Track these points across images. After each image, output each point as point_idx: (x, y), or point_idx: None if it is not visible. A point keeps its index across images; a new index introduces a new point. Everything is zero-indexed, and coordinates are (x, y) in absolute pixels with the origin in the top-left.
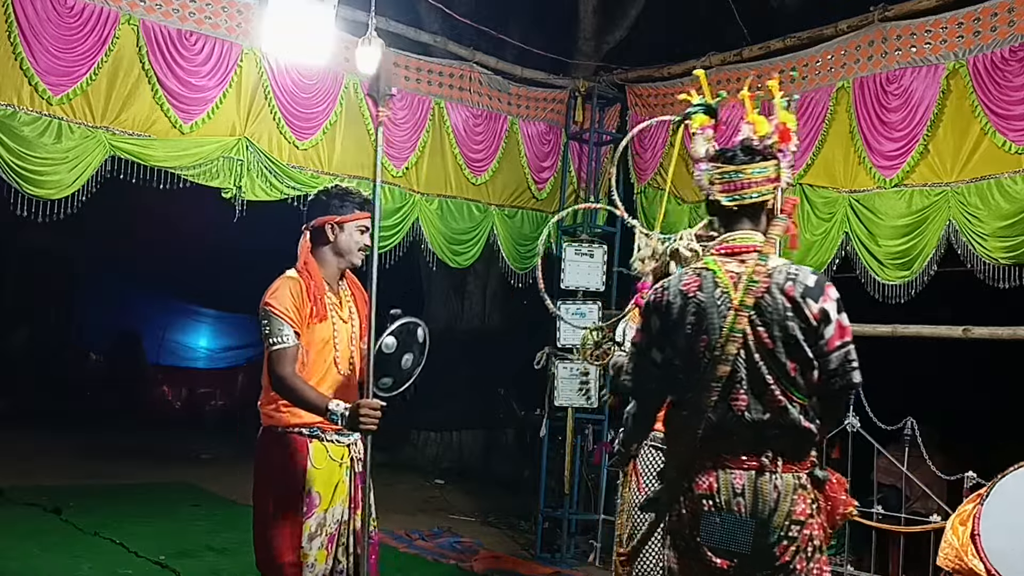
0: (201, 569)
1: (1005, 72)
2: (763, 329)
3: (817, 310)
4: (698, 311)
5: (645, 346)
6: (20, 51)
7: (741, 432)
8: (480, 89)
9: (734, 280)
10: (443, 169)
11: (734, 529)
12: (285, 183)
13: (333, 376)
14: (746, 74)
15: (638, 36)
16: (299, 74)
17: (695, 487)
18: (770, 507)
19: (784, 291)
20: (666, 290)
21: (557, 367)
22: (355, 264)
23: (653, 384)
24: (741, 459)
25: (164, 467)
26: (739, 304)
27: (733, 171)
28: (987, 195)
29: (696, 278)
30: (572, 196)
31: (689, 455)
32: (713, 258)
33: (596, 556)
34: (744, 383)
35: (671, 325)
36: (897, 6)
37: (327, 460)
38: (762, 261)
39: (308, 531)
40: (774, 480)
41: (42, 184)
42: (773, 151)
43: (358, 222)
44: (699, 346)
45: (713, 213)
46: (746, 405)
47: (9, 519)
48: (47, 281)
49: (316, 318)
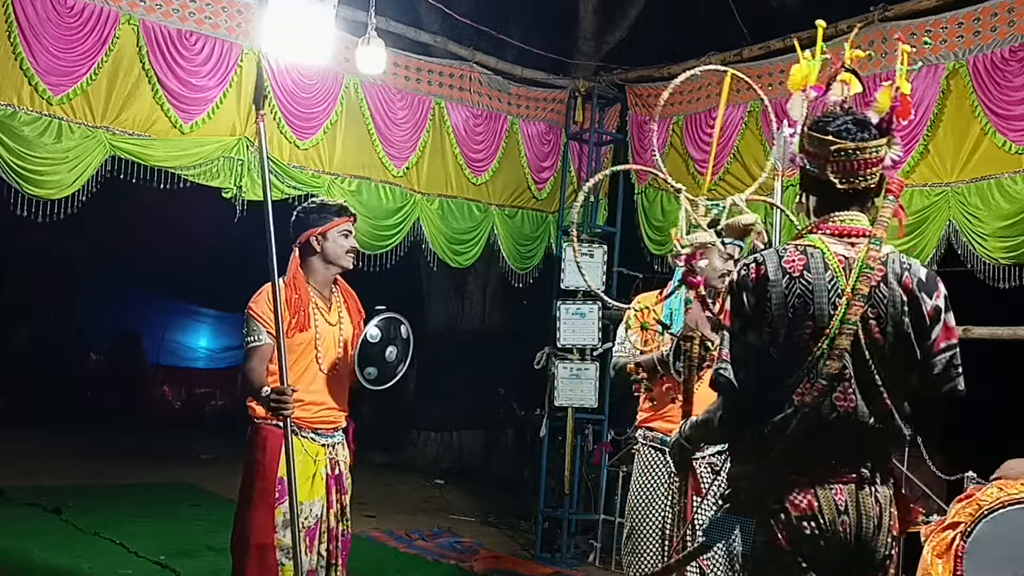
0: (201, 569)
1: (1005, 72)
2: (875, 323)
3: (931, 307)
4: (804, 295)
5: (739, 330)
6: (20, 51)
7: (843, 439)
8: (480, 89)
9: (843, 264)
10: (443, 169)
11: (841, 552)
12: (286, 183)
13: (314, 373)
14: (746, 74)
15: (638, 36)
16: (299, 74)
17: (790, 507)
18: (874, 523)
19: (901, 282)
20: (761, 265)
21: (557, 367)
22: (346, 267)
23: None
24: (840, 471)
25: (164, 467)
26: (852, 292)
27: (853, 148)
28: (987, 195)
29: (801, 256)
30: (572, 196)
31: (777, 467)
32: (817, 236)
33: (596, 556)
34: (852, 382)
35: (769, 308)
36: (897, 6)
37: (301, 454)
38: (875, 246)
39: (282, 516)
40: (875, 493)
41: (42, 184)
42: (890, 127)
43: (339, 227)
44: (802, 335)
45: (808, 188)
46: (853, 407)
47: (9, 519)
48: (47, 281)
49: (297, 327)
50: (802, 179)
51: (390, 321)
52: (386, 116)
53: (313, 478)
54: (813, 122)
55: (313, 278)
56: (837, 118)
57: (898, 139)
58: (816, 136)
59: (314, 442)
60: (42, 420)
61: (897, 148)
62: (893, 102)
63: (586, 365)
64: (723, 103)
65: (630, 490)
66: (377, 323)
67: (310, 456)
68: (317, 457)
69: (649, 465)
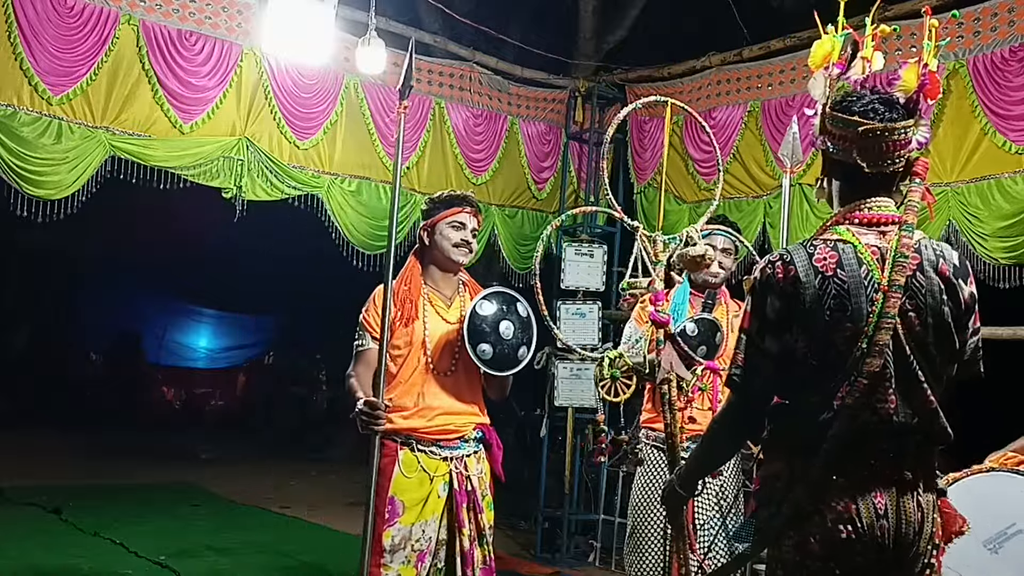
0: (201, 569)
1: (1005, 72)
2: (914, 315)
3: (968, 293)
4: (839, 293)
5: (756, 333)
6: (20, 51)
7: (884, 440)
8: (480, 89)
9: (876, 256)
10: (443, 169)
11: (877, 557)
12: (286, 183)
13: (422, 375)
14: (746, 74)
15: (638, 36)
16: (299, 74)
17: (826, 510)
18: (914, 529)
19: (938, 269)
20: (790, 265)
21: (557, 367)
22: (459, 261)
23: (765, 380)
24: (881, 475)
25: (164, 467)
26: (888, 284)
27: (881, 130)
28: (987, 195)
29: (832, 252)
30: (572, 196)
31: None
32: (845, 228)
33: (596, 556)
34: (893, 380)
35: (802, 309)
36: (897, 6)
37: (417, 471)
38: (907, 233)
39: (390, 540)
40: (917, 498)
41: (42, 184)
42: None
43: (447, 219)
44: (841, 335)
45: (831, 173)
46: (895, 407)
47: (9, 519)
48: (47, 281)
49: (403, 320)
50: (825, 163)
51: (503, 296)
52: (386, 116)
53: (428, 497)
54: (836, 102)
55: (430, 275)
56: (862, 97)
57: (925, 119)
58: (841, 117)
59: (433, 456)
60: (42, 420)
61: (924, 129)
62: (920, 79)
63: (586, 365)
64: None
65: (633, 488)
66: (486, 295)
67: (427, 472)
68: (436, 473)
69: (651, 464)
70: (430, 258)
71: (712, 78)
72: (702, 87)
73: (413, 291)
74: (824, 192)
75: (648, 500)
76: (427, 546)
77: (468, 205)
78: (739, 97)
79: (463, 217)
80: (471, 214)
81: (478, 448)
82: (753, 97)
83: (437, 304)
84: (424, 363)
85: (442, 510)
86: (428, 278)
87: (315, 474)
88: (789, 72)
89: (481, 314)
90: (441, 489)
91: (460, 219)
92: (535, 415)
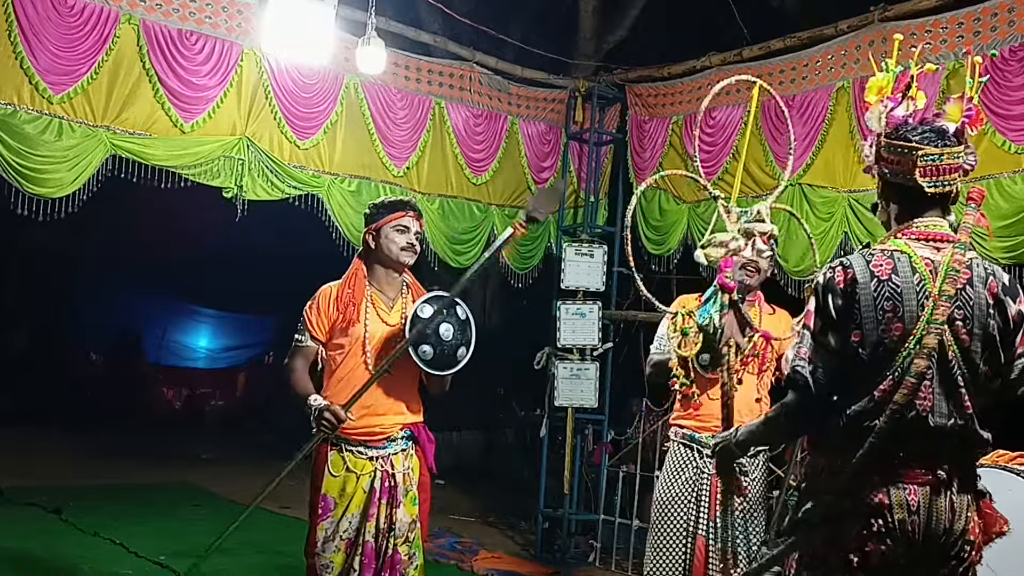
0: (201, 569)
1: (1005, 72)
2: (961, 324)
3: (1015, 311)
4: (893, 297)
5: (820, 331)
6: (20, 50)
7: (920, 438)
8: (480, 89)
9: (929, 268)
10: (443, 169)
11: (906, 552)
12: (286, 183)
13: (363, 373)
14: (746, 74)
15: (638, 36)
16: (299, 74)
17: (861, 504)
18: (944, 526)
19: (987, 286)
20: (849, 269)
21: (557, 367)
22: (404, 263)
23: (828, 374)
24: (916, 472)
25: (164, 467)
26: (939, 294)
27: (936, 154)
28: (987, 195)
29: (889, 260)
30: (572, 196)
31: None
32: (902, 241)
33: (596, 556)
34: (934, 381)
35: (858, 310)
36: (897, 6)
37: (343, 469)
38: (960, 250)
39: (323, 533)
40: (950, 497)
41: (43, 183)
42: (964, 136)
43: (392, 223)
44: (891, 336)
45: (890, 196)
46: (931, 407)
47: (9, 519)
48: (47, 281)
49: (344, 322)
50: (883, 187)
51: (443, 299)
52: (386, 116)
53: (354, 493)
54: (892, 132)
55: (375, 278)
56: (916, 128)
57: (972, 147)
58: (899, 144)
59: (359, 456)
60: (42, 420)
61: (972, 157)
62: (965, 112)
63: (586, 365)
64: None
65: (657, 484)
66: (428, 299)
67: (353, 472)
68: (361, 472)
69: (678, 461)
70: (375, 260)
71: (712, 78)
72: (702, 87)
73: (356, 294)
74: (884, 214)
75: (671, 497)
76: (354, 536)
77: (411, 209)
78: (739, 97)
79: (407, 221)
80: (414, 218)
81: (406, 446)
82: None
83: (379, 306)
84: (362, 363)
85: (364, 503)
86: (373, 279)
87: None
88: (789, 72)
89: (422, 316)
90: (366, 484)
91: (404, 223)
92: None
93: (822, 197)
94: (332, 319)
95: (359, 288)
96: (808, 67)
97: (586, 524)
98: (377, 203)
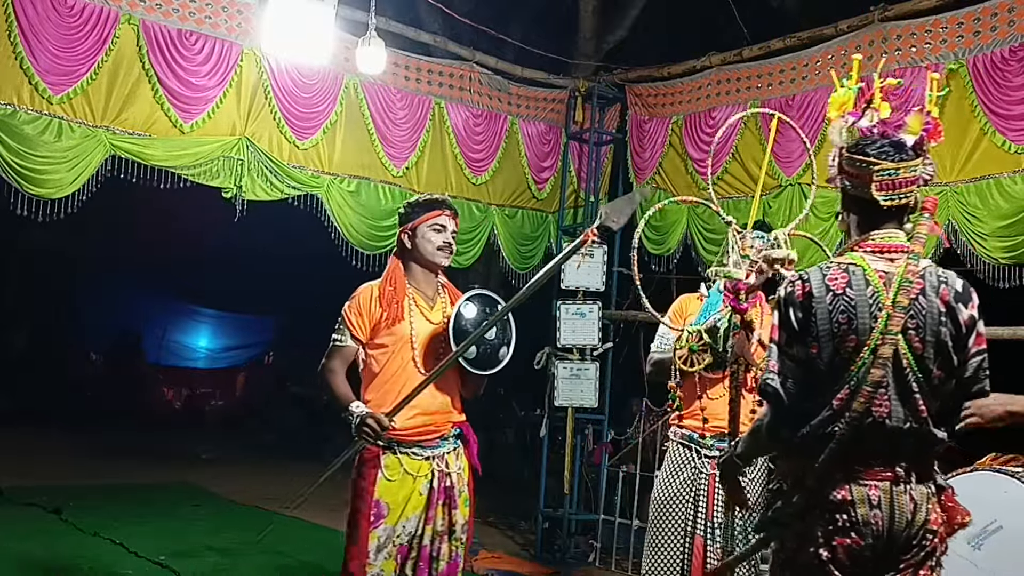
0: (201, 569)
1: (1005, 72)
2: (914, 333)
3: (967, 316)
4: (848, 309)
5: (786, 343)
6: (20, 50)
7: (878, 441)
8: (480, 89)
9: (884, 280)
10: (443, 169)
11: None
12: (285, 183)
13: (411, 373)
14: (746, 74)
15: (638, 36)
16: (299, 74)
17: (826, 501)
18: (906, 519)
19: (939, 294)
20: (807, 282)
21: (557, 367)
22: (440, 263)
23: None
24: (876, 470)
25: (164, 467)
26: (893, 305)
27: (892, 168)
28: (986, 195)
29: (843, 273)
30: (572, 196)
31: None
32: (858, 254)
33: (596, 556)
34: (889, 389)
35: (815, 322)
36: (897, 6)
37: (400, 473)
38: (913, 261)
39: (376, 541)
40: (909, 491)
41: (42, 183)
42: (923, 148)
43: (428, 222)
44: (846, 347)
45: (849, 208)
46: (888, 412)
47: (9, 519)
48: (47, 281)
49: (389, 320)
50: (843, 199)
51: (484, 298)
52: (386, 116)
53: (410, 496)
54: (852, 146)
55: (412, 277)
56: (875, 141)
57: (930, 159)
58: (858, 158)
59: (415, 457)
60: (42, 420)
61: (930, 168)
62: (924, 126)
63: (586, 365)
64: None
65: (655, 484)
66: (470, 297)
67: (410, 474)
68: (418, 473)
69: (676, 461)
70: (411, 259)
71: (712, 78)
72: (702, 87)
73: (399, 291)
74: (844, 224)
75: (669, 497)
76: (408, 540)
77: (447, 208)
78: (739, 97)
79: (443, 220)
80: (450, 216)
81: (457, 445)
82: (753, 97)
83: (421, 304)
84: (411, 362)
85: (423, 507)
86: (411, 279)
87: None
88: (789, 72)
89: (466, 315)
90: (423, 488)
91: (441, 222)
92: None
93: (822, 197)
94: (375, 318)
95: (401, 286)
96: (808, 67)
97: (586, 524)
98: (412, 202)
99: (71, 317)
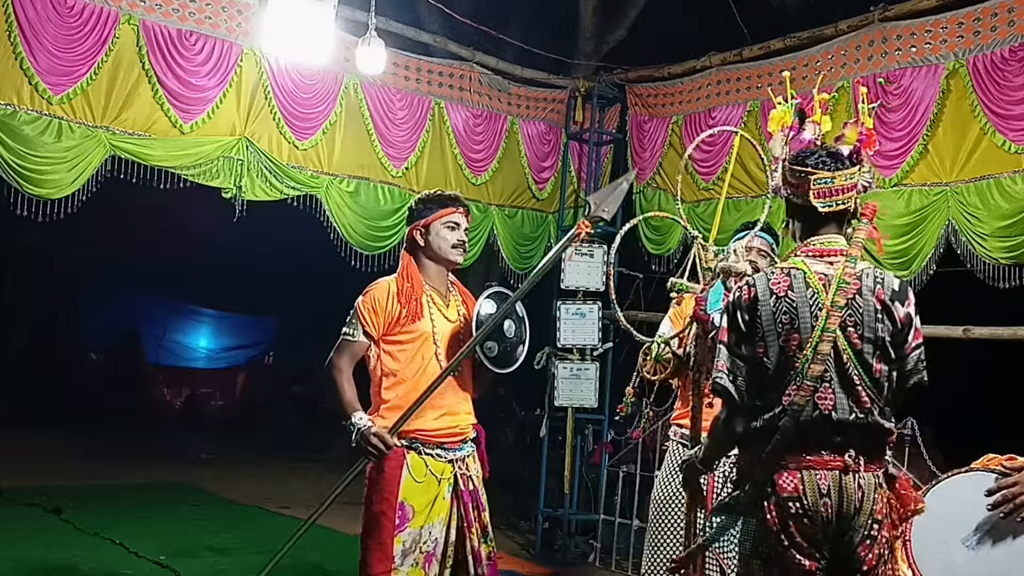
0: (201, 569)
1: (1005, 72)
2: (853, 330)
3: (903, 314)
4: (790, 310)
5: (735, 344)
6: (20, 51)
7: (826, 432)
8: (480, 89)
9: (823, 281)
10: (443, 169)
11: (821, 530)
12: (285, 183)
13: (434, 371)
14: (746, 74)
15: (638, 36)
16: (299, 74)
17: (779, 490)
18: (855, 506)
19: (875, 294)
20: (752, 287)
21: (557, 367)
22: (455, 261)
23: (745, 381)
24: (825, 459)
25: (164, 467)
26: (831, 304)
27: (828, 177)
28: (986, 195)
29: (786, 277)
30: (572, 196)
31: (770, 457)
32: (800, 259)
33: (596, 556)
34: (833, 383)
35: (760, 323)
36: (897, 6)
37: (426, 474)
38: (850, 264)
39: (401, 545)
40: (858, 479)
41: (42, 184)
42: (860, 157)
43: (442, 219)
44: (790, 345)
45: (793, 215)
46: (833, 405)
47: (9, 519)
48: (47, 281)
49: (409, 317)
50: (788, 208)
51: (503, 295)
52: (386, 116)
53: (435, 500)
54: (793, 158)
55: (426, 274)
56: (814, 153)
57: (866, 167)
58: (797, 169)
59: (439, 459)
60: (42, 420)
61: (867, 175)
62: (859, 136)
63: (586, 365)
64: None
65: (655, 484)
66: (490, 295)
67: (435, 476)
68: (442, 476)
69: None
70: (424, 256)
71: (712, 78)
72: (702, 87)
73: (416, 288)
74: (789, 230)
75: (669, 497)
76: (433, 547)
77: (460, 205)
78: (739, 97)
79: (457, 217)
80: (463, 214)
81: (473, 448)
82: (753, 97)
83: (438, 302)
84: (433, 359)
85: (447, 512)
86: (424, 276)
87: (315, 474)
88: (789, 72)
89: (487, 312)
90: (447, 491)
91: (454, 219)
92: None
93: None
94: (392, 315)
95: (418, 282)
96: (808, 67)
97: (586, 524)
98: (424, 197)
99: (71, 317)
